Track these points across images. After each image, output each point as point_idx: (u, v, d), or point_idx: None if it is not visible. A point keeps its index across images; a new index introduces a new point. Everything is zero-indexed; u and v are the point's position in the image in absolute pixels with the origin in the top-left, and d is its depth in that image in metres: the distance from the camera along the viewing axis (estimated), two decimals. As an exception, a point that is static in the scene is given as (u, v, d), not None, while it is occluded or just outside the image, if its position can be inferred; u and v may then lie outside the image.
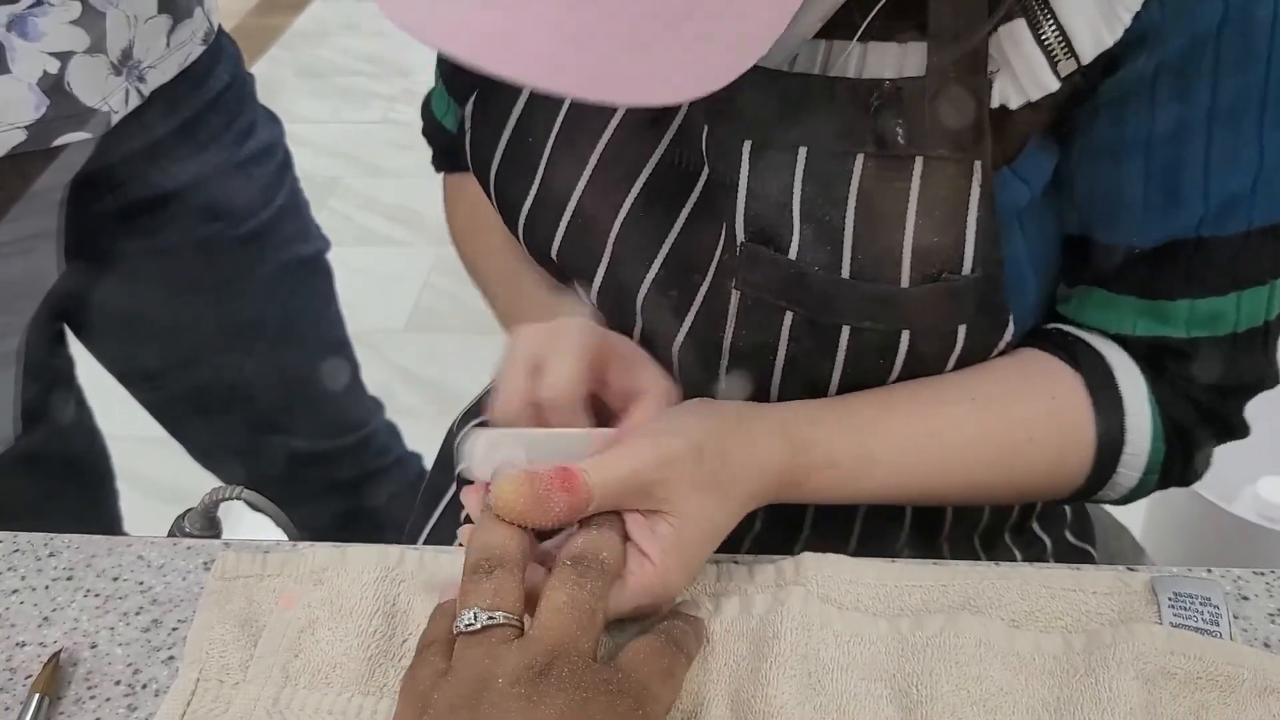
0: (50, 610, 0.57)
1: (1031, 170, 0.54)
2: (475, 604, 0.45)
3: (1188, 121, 0.52)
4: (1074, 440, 0.58)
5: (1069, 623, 0.53)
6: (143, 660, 0.55)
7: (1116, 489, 0.60)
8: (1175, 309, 0.57)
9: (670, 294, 0.58)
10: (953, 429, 0.57)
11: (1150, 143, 0.53)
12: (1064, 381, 0.58)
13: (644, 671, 0.46)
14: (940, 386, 0.57)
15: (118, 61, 0.85)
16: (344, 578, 0.56)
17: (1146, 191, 0.54)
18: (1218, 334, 0.57)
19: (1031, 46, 0.50)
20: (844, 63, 0.53)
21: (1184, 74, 0.51)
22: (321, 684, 0.52)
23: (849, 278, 0.53)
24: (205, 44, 0.93)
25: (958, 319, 0.54)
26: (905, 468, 0.57)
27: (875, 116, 0.52)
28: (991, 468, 0.58)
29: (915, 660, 0.50)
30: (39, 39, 0.80)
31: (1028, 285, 0.58)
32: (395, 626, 0.54)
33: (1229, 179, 0.53)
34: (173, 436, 1.15)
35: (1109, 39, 0.50)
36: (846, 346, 0.55)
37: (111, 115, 0.86)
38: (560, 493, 0.47)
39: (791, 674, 0.50)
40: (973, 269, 0.53)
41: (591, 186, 0.59)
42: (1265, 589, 0.55)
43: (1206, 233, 0.54)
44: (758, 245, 0.54)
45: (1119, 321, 0.59)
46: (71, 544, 0.61)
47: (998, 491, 0.60)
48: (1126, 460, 0.58)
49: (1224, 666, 0.49)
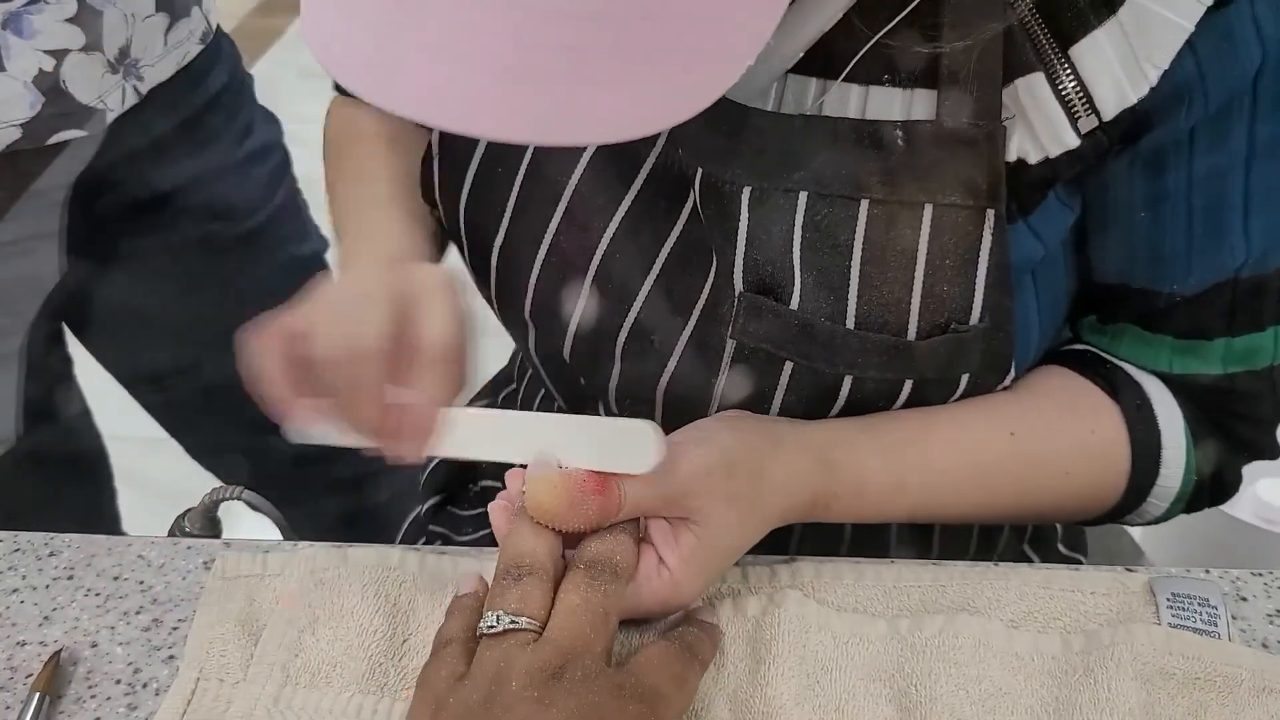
0: (51, 609, 0.57)
1: (1048, 226, 0.53)
2: (500, 607, 0.45)
3: (1226, 168, 0.51)
4: (1109, 474, 0.57)
5: (1067, 623, 0.53)
6: (143, 659, 0.55)
7: (1143, 515, 0.60)
8: (1212, 348, 0.56)
9: (651, 339, 0.56)
10: (990, 463, 0.56)
11: (1190, 191, 0.52)
12: (1104, 415, 0.57)
13: (657, 676, 0.46)
14: (980, 416, 0.56)
15: (114, 60, 0.85)
16: (344, 577, 0.56)
17: (1187, 238, 0.53)
18: (1255, 368, 0.56)
19: (1051, 101, 0.49)
20: (841, 104, 0.51)
21: (1222, 124, 0.50)
22: (322, 683, 0.52)
23: (854, 328, 0.52)
24: (203, 43, 0.93)
25: (963, 369, 0.53)
26: (935, 497, 0.56)
27: (882, 160, 0.50)
28: (1022, 498, 0.57)
29: (914, 661, 0.50)
30: (34, 37, 0.80)
31: (1032, 338, 0.57)
32: (396, 626, 0.54)
33: (1268, 217, 0.52)
34: (172, 436, 1.15)
35: (1132, 96, 0.48)
36: (847, 395, 0.54)
37: (107, 113, 0.86)
38: (593, 496, 0.47)
39: (790, 674, 0.50)
40: (981, 318, 0.51)
41: (564, 226, 0.57)
42: (1264, 589, 0.55)
43: (1245, 273, 0.54)
44: (757, 295, 0.52)
45: (1154, 359, 0.58)
46: (72, 543, 0.61)
47: (1024, 518, 0.60)
48: (1158, 492, 0.58)
49: (1222, 667, 0.49)
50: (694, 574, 0.49)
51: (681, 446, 0.50)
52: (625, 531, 0.49)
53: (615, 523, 0.49)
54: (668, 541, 0.49)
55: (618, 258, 0.56)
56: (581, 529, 0.48)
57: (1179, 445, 0.57)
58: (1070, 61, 0.48)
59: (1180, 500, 0.58)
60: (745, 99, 0.52)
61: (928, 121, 0.50)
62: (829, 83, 0.51)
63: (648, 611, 0.50)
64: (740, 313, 0.53)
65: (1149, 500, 0.58)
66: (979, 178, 0.50)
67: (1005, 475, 0.56)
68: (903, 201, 0.50)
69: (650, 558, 0.49)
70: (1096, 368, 0.59)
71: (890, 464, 0.55)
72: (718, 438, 0.51)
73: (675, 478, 0.49)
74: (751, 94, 0.52)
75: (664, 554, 0.49)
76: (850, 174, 0.51)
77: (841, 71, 0.50)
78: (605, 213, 0.56)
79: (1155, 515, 0.60)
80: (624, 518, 0.48)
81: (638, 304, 0.56)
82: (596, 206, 0.56)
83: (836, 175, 0.51)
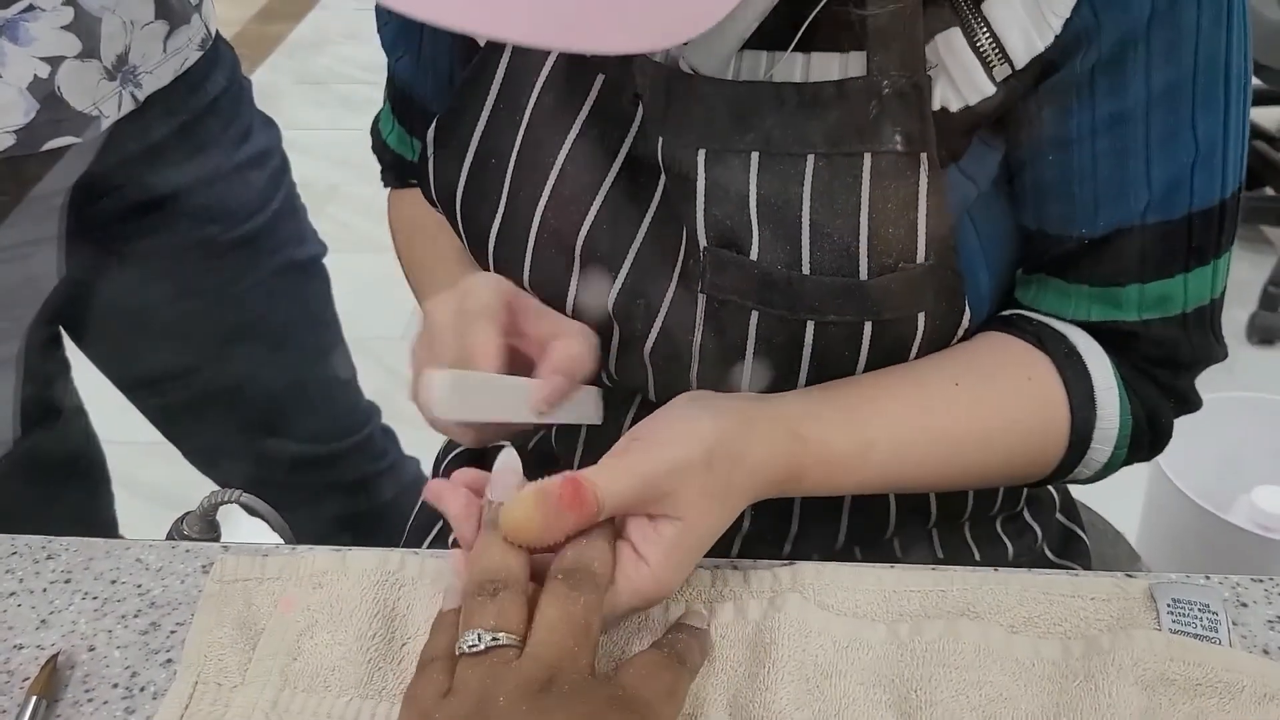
0: (48, 613, 0.57)
1: (977, 168, 0.56)
2: (479, 625, 0.45)
3: (1126, 113, 0.54)
4: (1051, 419, 0.59)
5: (1068, 629, 0.53)
6: (141, 663, 0.54)
7: (1091, 465, 0.61)
8: (1126, 294, 0.59)
9: (638, 301, 0.59)
10: (942, 414, 0.58)
11: (1093, 135, 0.55)
12: (1036, 362, 0.60)
13: (647, 687, 0.45)
14: (924, 373, 0.58)
15: (112, 67, 0.85)
16: (343, 581, 0.55)
17: (1093, 183, 0.56)
18: (1168, 315, 0.59)
19: (967, 53, 0.53)
20: (788, 71, 0.55)
21: (1119, 68, 0.53)
22: (320, 687, 0.52)
23: (810, 273, 0.54)
24: (202, 50, 0.93)
25: (917, 306, 0.56)
26: (899, 456, 0.57)
27: (822, 117, 0.54)
28: (978, 450, 0.59)
29: (914, 666, 0.50)
30: (29, 44, 0.80)
31: (980, 277, 0.59)
32: (394, 630, 0.54)
33: (1169, 164, 0.55)
34: (169, 440, 1.15)
35: (1040, 44, 0.52)
36: (813, 341, 0.56)
37: (103, 120, 0.86)
38: (568, 511, 0.47)
39: (790, 679, 0.50)
40: (927, 256, 0.54)
41: (554, 202, 0.60)
42: (1264, 595, 0.55)
43: (1152, 219, 0.56)
44: (720, 249, 0.56)
45: (1074, 309, 0.60)
46: (70, 547, 0.61)
47: (984, 473, 0.61)
48: (1100, 435, 0.60)
49: (1223, 673, 0.49)
50: (674, 567, 0.50)
51: (656, 445, 0.50)
52: (601, 536, 0.49)
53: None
54: (647, 537, 0.49)
55: (604, 228, 0.59)
56: (560, 541, 0.48)
57: (1111, 387, 0.59)
58: (984, 16, 0.53)
59: (1122, 444, 0.60)
60: (706, 72, 0.56)
61: (860, 78, 0.54)
62: (778, 54, 0.55)
63: (628, 607, 0.50)
64: (707, 266, 0.56)
65: (1093, 446, 0.60)
66: (910, 125, 0.53)
67: (958, 426, 0.58)
68: (844, 153, 0.54)
69: (627, 553, 0.49)
70: (1021, 325, 0.61)
71: (854, 429, 0.56)
72: (694, 428, 0.51)
73: (653, 478, 0.49)
74: (711, 67, 0.56)
75: (644, 550, 0.49)
76: (796, 133, 0.55)
77: (790, 43, 0.54)
78: (590, 189, 0.60)
79: (1103, 462, 0.61)
80: (602, 519, 0.48)
81: (625, 268, 0.59)
82: (582, 184, 0.60)
83: (784, 135, 0.55)
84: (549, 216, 0.60)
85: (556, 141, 0.60)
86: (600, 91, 0.59)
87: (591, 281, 0.60)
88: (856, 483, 0.57)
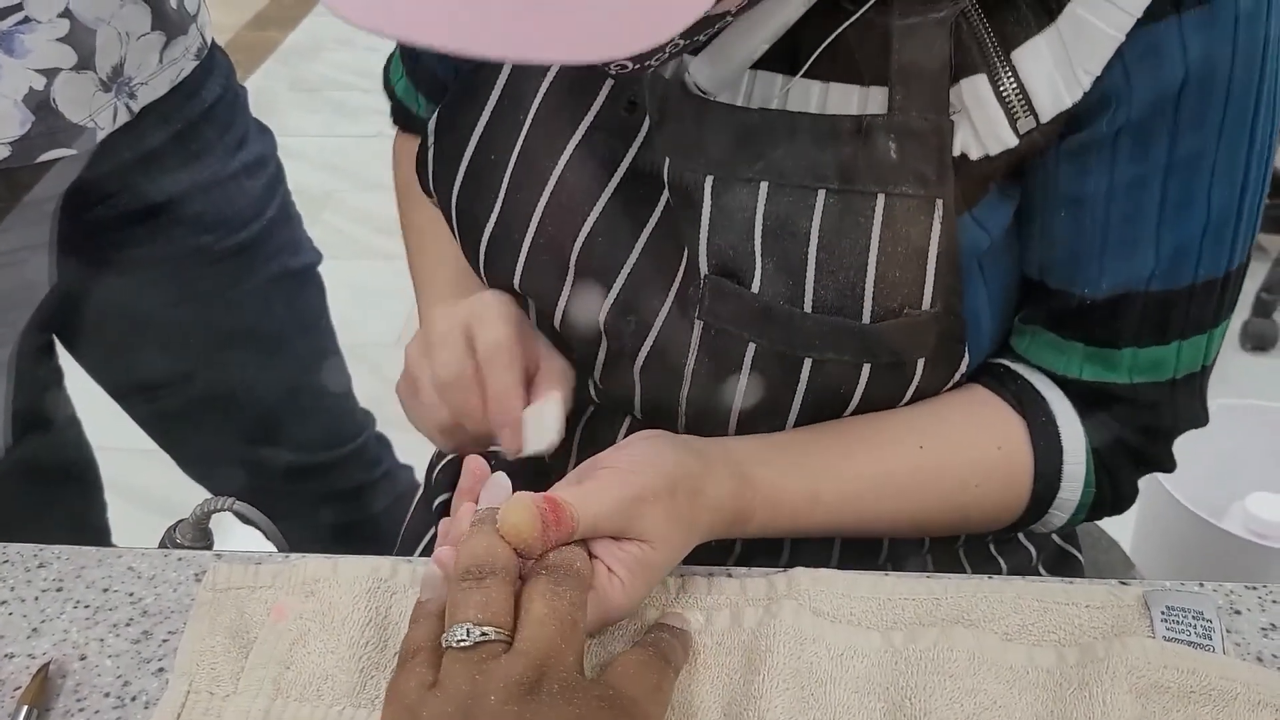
0: (39, 621, 0.57)
1: (991, 217, 0.55)
2: (466, 619, 0.45)
3: (1145, 177, 0.53)
4: (1013, 488, 0.60)
5: (1062, 636, 0.53)
6: (132, 672, 0.54)
7: (1046, 525, 0.62)
8: (1120, 357, 0.58)
9: (630, 317, 0.59)
10: (901, 475, 0.58)
11: (1109, 198, 0.54)
12: (1011, 430, 0.60)
13: (633, 686, 0.46)
14: (892, 429, 0.58)
15: (107, 78, 0.85)
16: (336, 589, 0.55)
17: (1102, 244, 0.55)
18: (1158, 380, 0.59)
19: (991, 101, 0.52)
20: (804, 99, 0.54)
21: (1145, 133, 0.52)
22: (313, 696, 0.51)
23: (811, 311, 0.54)
24: (198, 59, 0.93)
25: (917, 352, 0.55)
26: (848, 509, 0.58)
27: (837, 151, 0.53)
28: (932, 511, 0.60)
29: (909, 674, 0.50)
30: (25, 56, 0.80)
31: (984, 325, 0.59)
32: (387, 639, 0.54)
33: (1180, 232, 0.54)
34: (163, 448, 1.14)
35: (1068, 100, 0.51)
36: (808, 378, 0.56)
37: (98, 131, 0.85)
38: (553, 527, 0.48)
39: (784, 687, 0.50)
40: (932, 303, 0.54)
41: (551, 208, 0.60)
42: (1258, 603, 0.55)
43: (1156, 286, 0.56)
44: (721, 278, 0.55)
45: (1065, 365, 0.60)
46: (61, 555, 0.61)
47: (933, 529, 0.63)
48: (1059, 504, 0.60)
49: (1217, 681, 0.49)
50: (643, 583, 0.51)
51: (627, 474, 0.51)
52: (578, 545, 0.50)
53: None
54: (615, 555, 0.51)
55: (600, 240, 0.59)
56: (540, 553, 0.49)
57: (1079, 461, 0.60)
58: (1011, 65, 0.51)
59: (1080, 511, 0.61)
60: (714, 92, 0.55)
61: (880, 115, 0.52)
62: (791, 78, 0.54)
63: (604, 621, 0.51)
64: (706, 294, 0.55)
65: (1050, 512, 0.61)
66: (928, 169, 0.52)
67: (915, 487, 0.59)
68: (857, 191, 0.53)
69: (601, 570, 0.50)
70: (1006, 383, 0.61)
71: (805, 479, 0.57)
72: (660, 460, 0.53)
73: (624, 503, 0.50)
74: (720, 87, 0.55)
75: (613, 566, 0.50)
76: (808, 165, 0.53)
77: (803, 67, 0.53)
78: (589, 198, 0.59)
79: (1056, 526, 0.62)
80: (578, 538, 0.50)
81: (618, 283, 0.59)
82: (581, 192, 0.59)
83: (795, 166, 0.54)
84: (545, 222, 0.60)
85: (558, 145, 0.59)
86: (606, 99, 0.58)
87: (584, 293, 0.60)
88: (802, 530, 0.58)
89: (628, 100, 0.57)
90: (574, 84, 0.59)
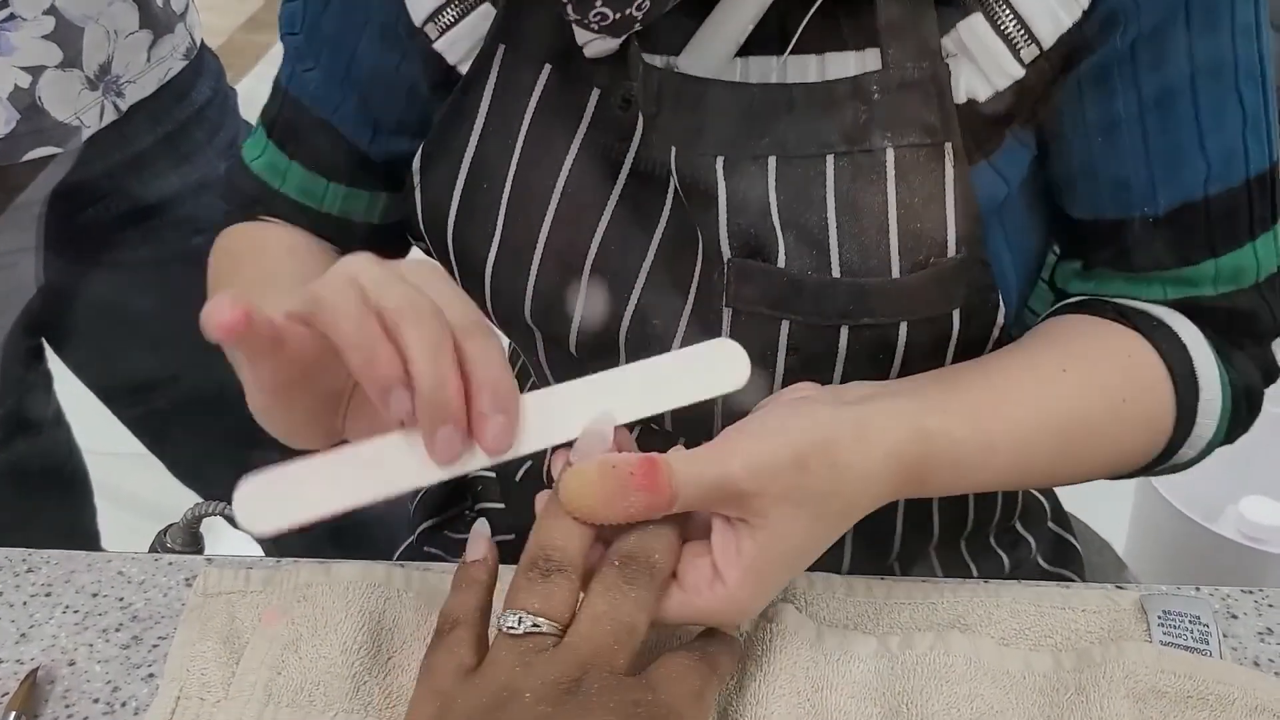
0: (28, 627, 0.56)
1: (1009, 165, 0.55)
2: (524, 606, 0.43)
3: (1172, 86, 0.53)
4: (1158, 396, 0.57)
5: (1059, 641, 0.53)
6: (122, 678, 0.54)
7: (1195, 444, 0.58)
8: (1201, 272, 0.57)
9: (654, 323, 0.57)
10: (1059, 404, 0.54)
11: (1141, 113, 0.54)
12: (1130, 339, 0.57)
13: (674, 691, 0.43)
14: (1030, 360, 0.56)
15: (94, 76, 0.84)
16: (328, 594, 0.55)
17: (1147, 160, 0.55)
18: (1244, 286, 0.58)
19: (992, 38, 0.52)
20: (803, 74, 0.54)
21: (1160, 42, 0.52)
22: (305, 702, 0.51)
23: (840, 276, 0.53)
24: (187, 59, 0.93)
25: (951, 303, 0.54)
26: (1023, 452, 0.53)
27: (839, 115, 0.53)
28: (1097, 438, 0.56)
29: (905, 679, 0.50)
30: (10, 53, 0.80)
31: (1010, 280, 0.58)
32: (380, 644, 0.53)
33: (1221, 133, 0.54)
34: (153, 452, 1.14)
35: (1067, 20, 0.51)
36: (846, 346, 0.54)
37: (84, 130, 0.85)
38: (637, 491, 0.43)
39: (781, 691, 0.50)
40: (958, 249, 0.53)
41: (557, 226, 0.58)
42: (1254, 608, 0.55)
43: (1213, 190, 0.55)
44: (745, 259, 0.54)
45: (1149, 293, 0.59)
46: (50, 559, 0.60)
47: (1104, 462, 0.58)
48: (1204, 408, 0.57)
49: (1215, 685, 0.49)
50: (753, 589, 0.45)
51: (739, 437, 0.45)
52: (669, 526, 0.45)
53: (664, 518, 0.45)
54: (729, 549, 0.45)
55: (612, 249, 0.58)
56: (624, 522, 0.44)
57: (1208, 357, 0.57)
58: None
59: (1224, 417, 0.58)
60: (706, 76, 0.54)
61: (874, 72, 0.53)
62: (785, 58, 0.54)
63: (690, 622, 0.46)
64: (732, 279, 0.54)
65: (1198, 420, 0.57)
66: (931, 116, 0.53)
67: (1076, 415, 0.55)
68: (865, 150, 0.53)
69: (704, 568, 0.45)
70: (1098, 308, 0.59)
71: (979, 425, 0.51)
72: (786, 425, 0.46)
73: (732, 472, 0.44)
74: (709, 71, 0.54)
75: (722, 564, 0.45)
76: (812, 134, 0.53)
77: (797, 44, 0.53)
78: (595, 209, 0.57)
79: (1206, 439, 0.58)
80: (678, 510, 0.44)
81: (636, 291, 0.57)
82: (585, 205, 0.57)
83: (800, 137, 0.53)
84: (553, 241, 0.58)
85: (555, 162, 0.58)
86: (596, 106, 0.57)
87: (601, 307, 0.57)
88: (978, 485, 0.54)
89: (621, 98, 0.56)
90: (561, 97, 0.58)
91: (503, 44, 0.58)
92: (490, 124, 0.59)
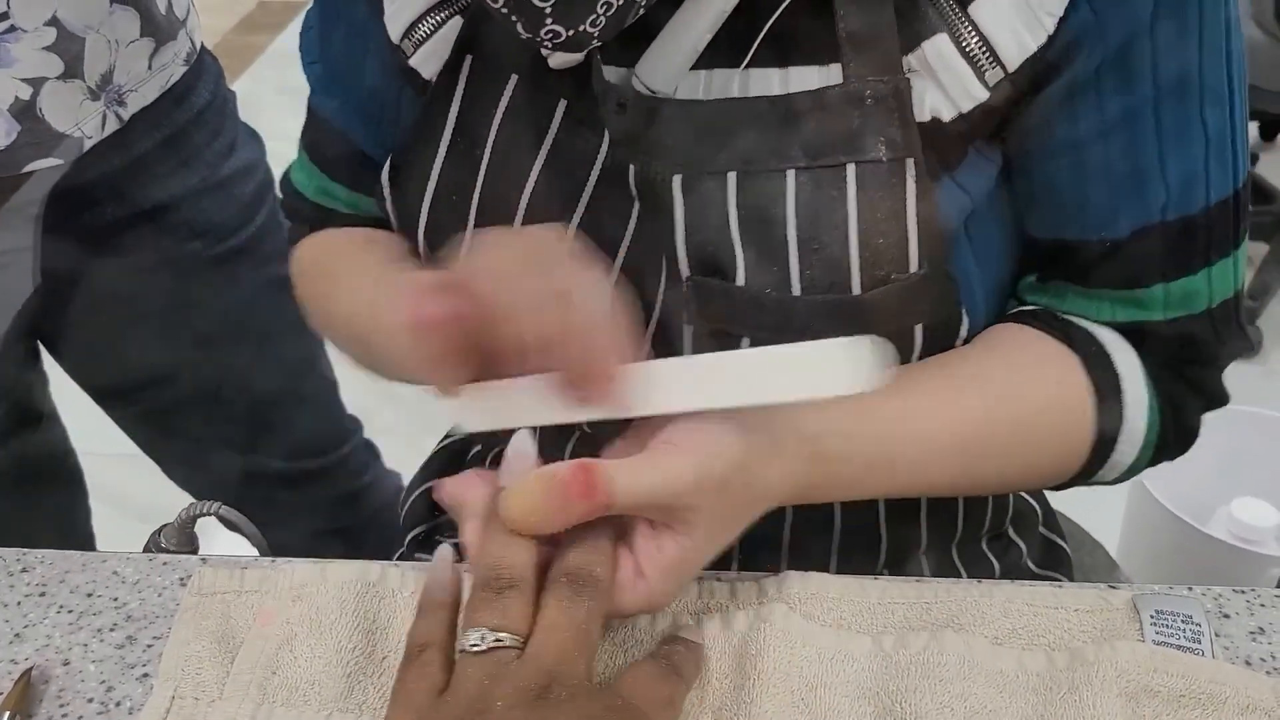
0: (22, 626, 0.56)
1: (972, 180, 0.55)
2: (484, 623, 0.44)
3: (1135, 109, 0.53)
4: (1077, 422, 0.58)
5: (1052, 640, 0.53)
6: (116, 678, 0.54)
7: (1115, 468, 0.60)
8: (1151, 295, 0.58)
9: None
10: (969, 422, 0.56)
11: (1105, 135, 0.54)
12: (1064, 363, 0.58)
13: (644, 698, 0.45)
14: (952, 375, 0.56)
15: (96, 86, 0.84)
16: (323, 594, 0.55)
17: (1109, 184, 0.55)
18: (1194, 312, 0.58)
19: (957, 59, 0.52)
20: (765, 87, 0.54)
21: (1125, 64, 0.52)
22: (300, 702, 0.51)
23: (801, 294, 0.53)
24: (187, 64, 0.93)
25: (913, 319, 0.55)
26: (923, 468, 0.55)
27: (800, 130, 0.53)
28: (1003, 456, 0.57)
29: (899, 678, 0.50)
30: (11, 65, 0.79)
31: (977, 295, 0.58)
32: (375, 643, 0.53)
33: (1183, 158, 0.54)
34: (147, 454, 1.14)
35: (1032, 44, 0.51)
36: None
37: (84, 140, 0.85)
38: (577, 501, 0.45)
39: (775, 692, 0.50)
40: (920, 265, 0.53)
41: None
42: (1246, 607, 0.55)
43: (1172, 215, 0.56)
44: (704, 278, 0.54)
45: (1098, 312, 0.59)
46: (45, 559, 0.60)
47: (1008, 479, 0.60)
48: (1126, 436, 0.58)
49: (1207, 684, 0.49)
50: (672, 585, 0.48)
51: (684, 454, 0.47)
52: (604, 537, 0.47)
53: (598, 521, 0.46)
54: (649, 551, 0.47)
55: None
56: (563, 529, 0.46)
57: (1139, 385, 0.58)
58: (970, 19, 0.52)
59: (1148, 446, 0.59)
60: (665, 92, 0.54)
61: (834, 86, 0.52)
62: (745, 71, 0.54)
63: (616, 617, 0.49)
64: (692, 297, 0.54)
65: (1118, 447, 0.58)
66: (893, 131, 0.52)
67: (983, 433, 0.56)
68: (825, 165, 0.53)
69: (628, 566, 0.47)
70: (1048, 321, 0.60)
71: (882, 445, 0.54)
72: (722, 446, 0.48)
73: (673, 485, 0.46)
74: (670, 86, 0.54)
75: (644, 563, 0.47)
76: (772, 148, 0.53)
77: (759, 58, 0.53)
78: (560, 223, 0.57)
79: (1127, 464, 0.59)
80: (613, 513, 0.46)
81: None
82: (551, 217, 0.57)
83: (760, 152, 0.53)
84: None
85: (521, 174, 0.58)
86: (562, 120, 0.57)
87: None
88: (873, 495, 0.56)
89: (586, 111, 0.56)
90: (528, 109, 0.58)
91: (469, 54, 0.59)
92: (457, 136, 0.59)
